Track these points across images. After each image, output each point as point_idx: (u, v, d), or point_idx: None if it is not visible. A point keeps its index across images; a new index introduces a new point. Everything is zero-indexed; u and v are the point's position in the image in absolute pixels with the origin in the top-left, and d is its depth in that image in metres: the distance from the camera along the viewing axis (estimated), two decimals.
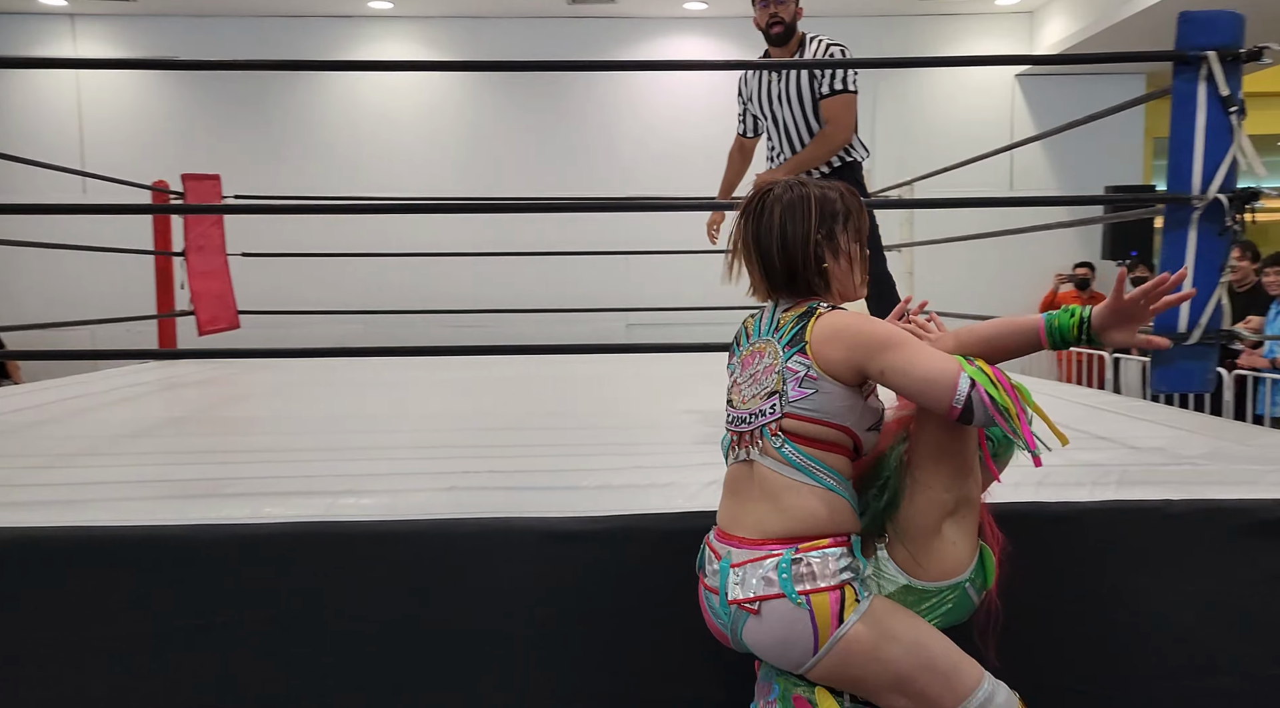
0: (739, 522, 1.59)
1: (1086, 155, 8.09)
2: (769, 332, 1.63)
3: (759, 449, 1.57)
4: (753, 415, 1.58)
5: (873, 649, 1.48)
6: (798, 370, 1.54)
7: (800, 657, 1.50)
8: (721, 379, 1.79)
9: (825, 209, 1.60)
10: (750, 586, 1.51)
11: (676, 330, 7.24)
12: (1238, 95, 2.49)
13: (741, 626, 1.53)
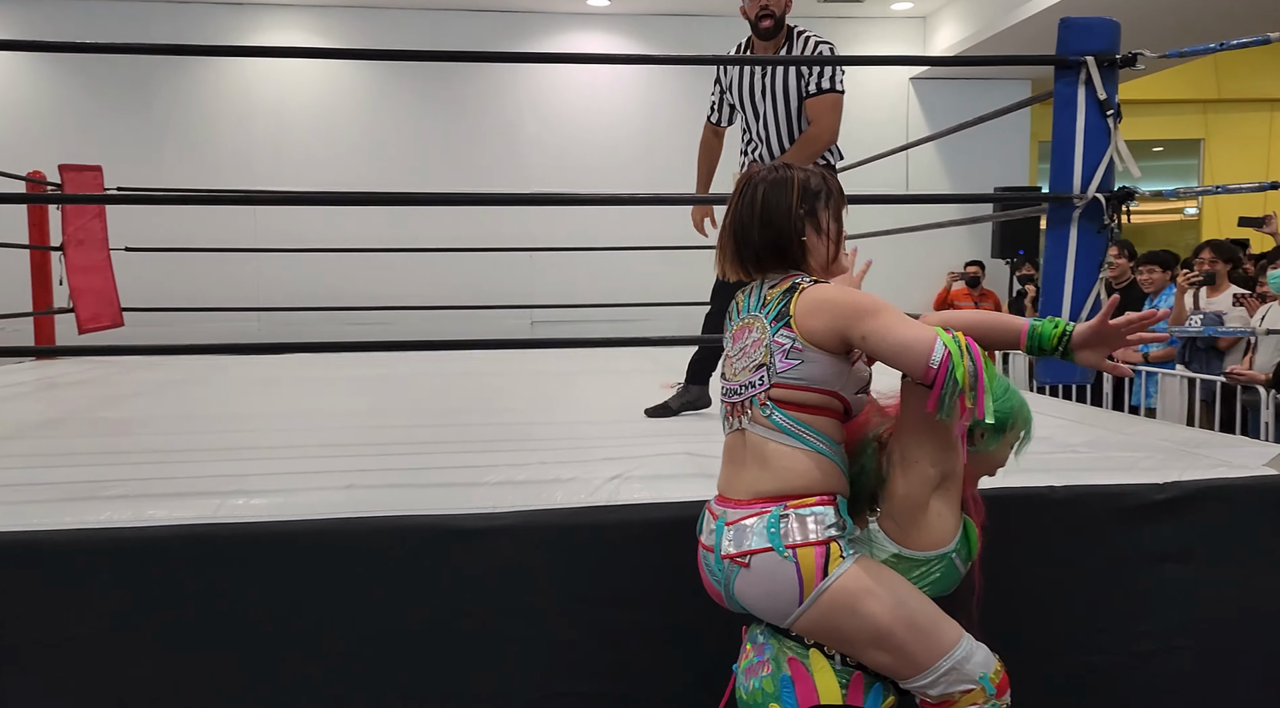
0: (733, 486, 1.67)
1: (977, 158, 8.39)
2: (756, 307, 1.69)
3: (750, 418, 1.65)
4: (743, 387, 1.66)
5: (854, 603, 1.55)
6: (784, 343, 1.61)
7: (786, 608, 1.56)
8: (622, 375, 1.79)
9: (807, 187, 1.68)
10: (741, 542, 1.58)
11: (581, 328, 7.21)
12: (1114, 99, 2.61)
13: (733, 580, 1.60)
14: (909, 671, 1.59)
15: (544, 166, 8.02)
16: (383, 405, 3.81)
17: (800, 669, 1.59)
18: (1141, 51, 2.59)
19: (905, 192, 8.32)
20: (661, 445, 2.61)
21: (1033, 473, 2.29)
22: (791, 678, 1.58)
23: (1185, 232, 9.77)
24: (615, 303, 6.86)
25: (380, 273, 7.51)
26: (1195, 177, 9.73)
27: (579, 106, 8.24)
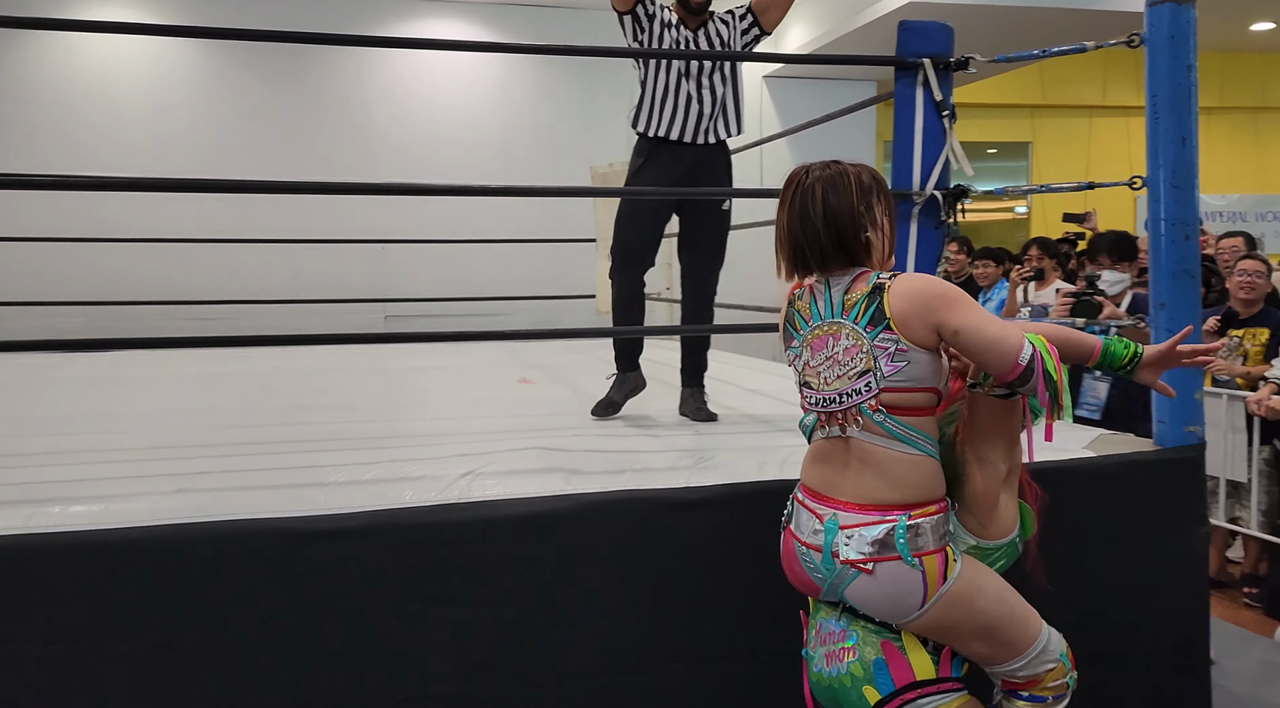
0: (838, 487, 1.68)
1: (828, 157, 8.66)
2: (836, 314, 1.69)
3: (859, 426, 1.66)
4: (843, 395, 1.66)
5: (968, 602, 1.65)
6: (887, 347, 1.63)
7: (907, 611, 1.64)
8: (479, 371, 1.75)
9: (862, 183, 1.70)
10: (863, 548, 1.62)
11: (437, 322, 7.05)
12: (949, 100, 2.73)
13: (848, 581, 1.64)
14: (1006, 657, 1.70)
15: (396, 156, 7.78)
16: (223, 405, 3.62)
17: (894, 652, 1.66)
18: (973, 56, 2.71)
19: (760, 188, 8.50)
20: (516, 441, 2.57)
21: None
22: (886, 661, 1.65)
23: (1016, 229, 10.38)
24: (472, 296, 6.75)
25: (223, 265, 7.13)
26: (1025, 177, 10.35)
27: (433, 97, 8.04)
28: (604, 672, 2.08)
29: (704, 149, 3.05)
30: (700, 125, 3.01)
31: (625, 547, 2.11)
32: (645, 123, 3.05)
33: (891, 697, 1.64)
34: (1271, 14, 9.32)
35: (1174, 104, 2.43)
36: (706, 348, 3.16)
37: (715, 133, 3.04)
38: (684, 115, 3.00)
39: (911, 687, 1.64)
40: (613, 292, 3.11)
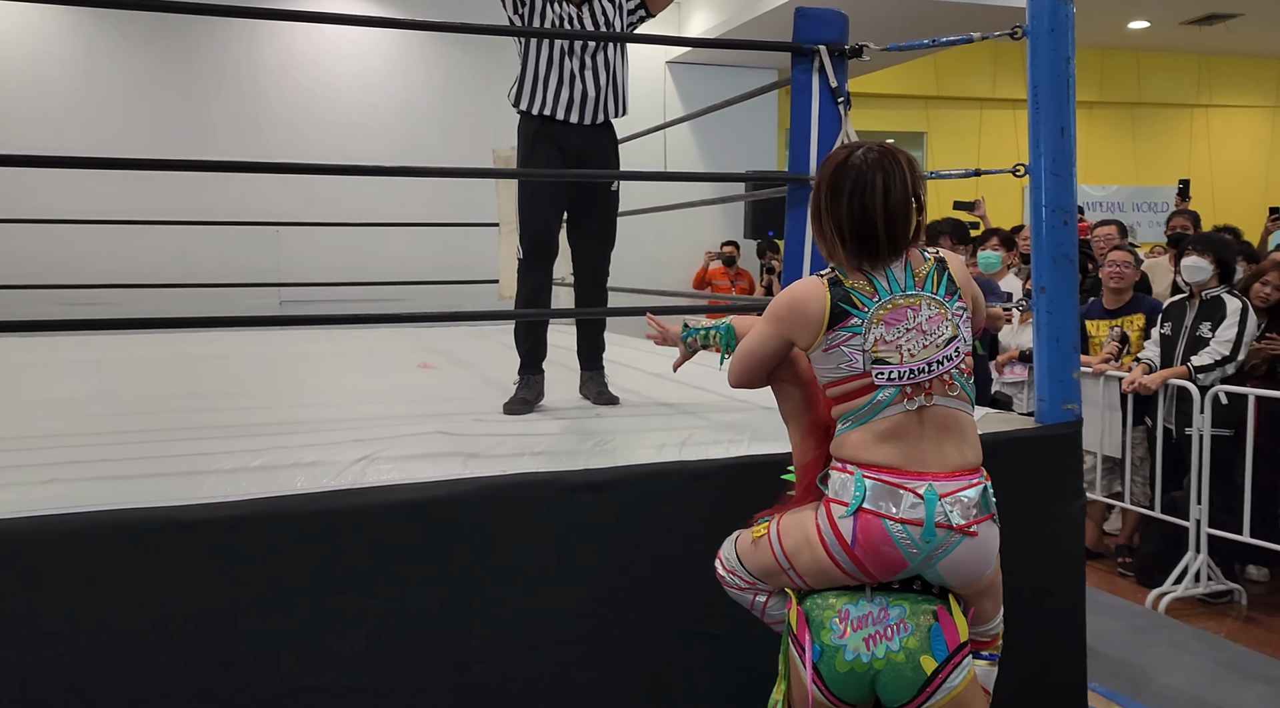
0: (919, 460, 1.68)
1: (731, 145, 8.74)
2: (910, 286, 1.71)
3: (952, 393, 1.71)
4: (933, 364, 1.69)
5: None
6: (962, 314, 1.74)
7: (985, 570, 1.72)
8: (378, 356, 1.70)
9: (914, 168, 1.74)
10: (966, 512, 1.66)
11: (334, 308, 6.85)
12: (844, 88, 2.78)
13: (953, 549, 1.65)
14: (992, 614, 1.84)
15: (290, 136, 7.53)
16: (102, 392, 3.46)
17: (946, 616, 1.70)
18: (867, 44, 2.77)
19: (665, 171, 8.54)
20: (414, 425, 2.53)
21: (775, 442, 2.42)
22: (940, 628, 1.69)
23: None
24: (371, 281, 6.61)
25: (106, 248, 6.80)
26: (922, 167, 10.66)
27: (329, 74, 7.80)
28: (504, 657, 2.07)
29: (589, 130, 2.97)
30: (585, 106, 2.93)
31: (525, 530, 2.10)
32: (529, 101, 2.94)
33: (945, 662, 1.67)
34: (1147, 13, 9.79)
35: (1054, 94, 2.53)
36: (602, 330, 3.15)
37: (602, 113, 2.96)
38: (569, 94, 2.91)
39: (959, 648, 1.68)
40: (524, 289, 3.03)
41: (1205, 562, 3.90)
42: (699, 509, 2.23)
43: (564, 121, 2.94)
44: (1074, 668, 2.63)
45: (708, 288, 8.36)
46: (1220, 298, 4.07)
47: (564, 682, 2.12)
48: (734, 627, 2.25)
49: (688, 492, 2.23)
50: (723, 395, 3.32)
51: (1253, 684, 3.16)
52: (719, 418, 2.82)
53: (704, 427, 2.63)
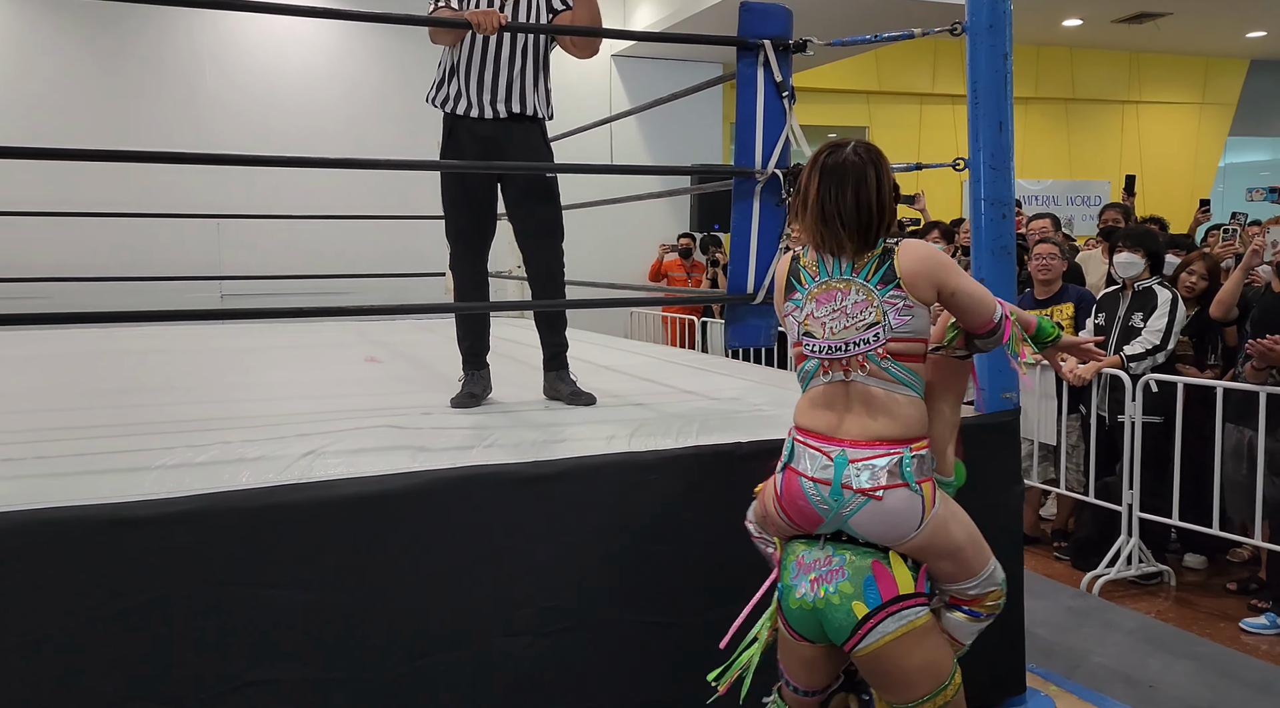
0: (841, 428, 1.88)
1: (678, 139, 8.77)
2: (846, 272, 1.88)
3: (865, 371, 1.87)
4: (849, 344, 1.87)
5: (946, 525, 1.89)
6: (895, 303, 1.85)
7: (906, 532, 1.85)
8: (323, 350, 1.68)
9: (877, 163, 1.90)
10: (875, 477, 1.82)
11: (277, 301, 6.75)
12: (789, 82, 2.81)
13: (858, 509, 1.83)
14: (964, 576, 1.94)
15: (230, 126, 7.37)
16: (40, 388, 3.37)
17: (883, 569, 1.86)
18: (811, 39, 2.80)
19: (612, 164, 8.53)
20: (361, 419, 2.51)
21: (723, 432, 2.45)
22: (875, 577, 1.85)
23: None
24: (315, 274, 6.51)
25: (41, 241, 6.61)
26: None
27: (271, 64, 7.66)
28: (453, 649, 2.07)
29: (495, 124, 2.89)
30: (489, 98, 2.87)
31: (475, 523, 2.10)
32: (440, 98, 2.92)
33: (878, 609, 1.83)
34: (1080, 11, 10.03)
35: (992, 90, 2.59)
36: (562, 327, 3.05)
37: (511, 106, 2.89)
38: (476, 89, 2.86)
39: (895, 600, 1.84)
40: (454, 282, 3.02)
41: (1137, 545, 4.03)
42: (649, 500, 2.25)
43: (468, 116, 2.88)
44: (1012, 649, 2.70)
45: (663, 279, 8.39)
46: (1152, 289, 4.20)
47: (515, 673, 2.12)
48: (684, 615, 2.28)
49: (638, 483, 2.24)
50: (671, 387, 3.35)
51: (1180, 661, 3.28)
52: (668, 409, 2.84)
53: (653, 418, 2.65)
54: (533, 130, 2.98)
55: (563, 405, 2.88)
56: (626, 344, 5.31)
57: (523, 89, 2.91)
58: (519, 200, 2.97)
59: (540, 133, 3.02)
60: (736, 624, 2.03)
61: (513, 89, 2.89)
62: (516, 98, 2.90)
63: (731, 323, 3.05)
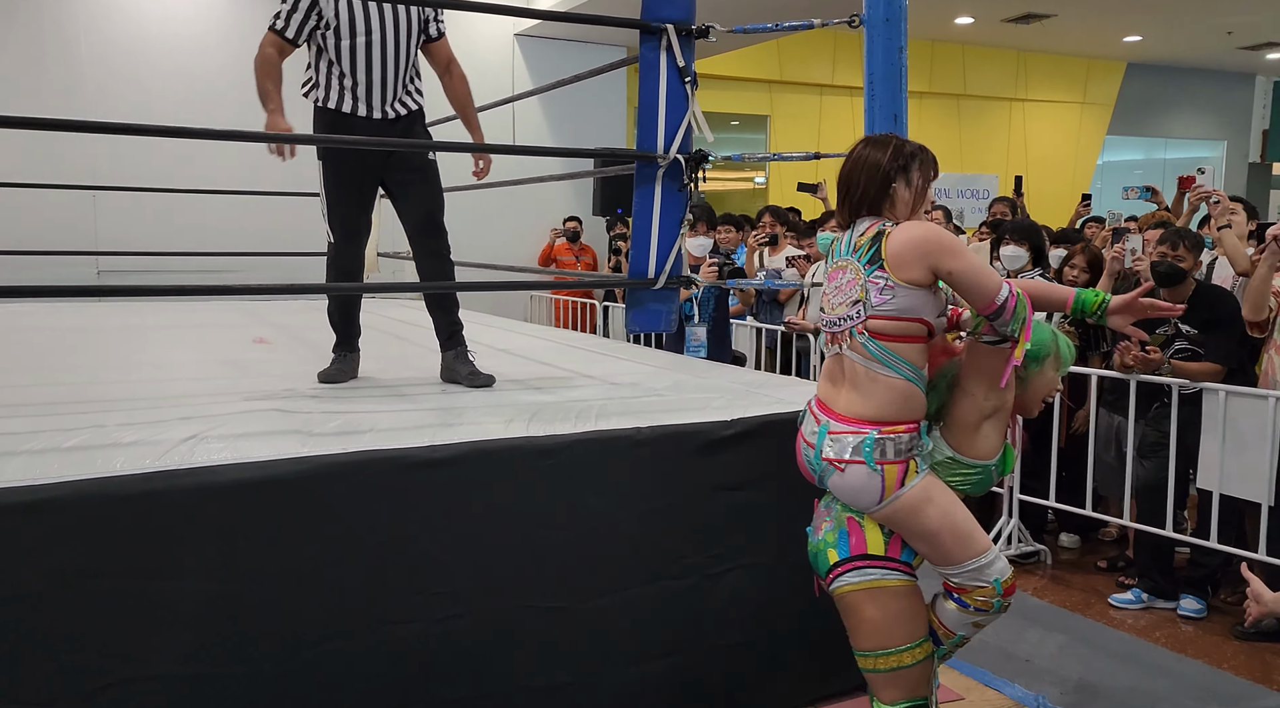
0: (833, 400, 2.05)
1: (581, 121, 8.71)
2: (848, 252, 2.03)
3: (849, 346, 2.00)
4: (841, 319, 2.01)
5: (915, 509, 1.99)
6: (878, 283, 1.95)
7: (866, 505, 2.01)
8: (207, 330, 1.60)
9: (902, 149, 2.03)
10: (840, 450, 1.99)
11: (159, 279, 6.44)
12: (691, 67, 2.82)
13: (828, 476, 2.02)
14: (942, 562, 2.06)
15: (105, 94, 6.96)
16: None
17: (855, 526, 2.04)
18: (713, 25, 2.81)
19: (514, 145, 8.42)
20: (247, 402, 2.42)
21: (623, 416, 2.45)
22: (848, 532, 2.04)
23: (756, 198, 10.98)
24: (199, 251, 6.25)
25: None
26: (764, 149, 10.95)
27: (147, 31, 7.27)
28: (343, 640, 2.02)
29: (383, 125, 2.88)
30: (379, 100, 2.85)
31: (367, 509, 2.04)
32: (320, 95, 2.86)
33: (845, 560, 2.04)
34: (971, 9, 10.35)
35: (888, 82, 2.65)
36: (455, 307, 3.03)
37: (397, 107, 2.89)
38: (364, 90, 2.84)
39: (861, 557, 2.02)
40: (335, 270, 2.97)
41: (1016, 525, 4.22)
42: (548, 485, 2.24)
43: (365, 118, 2.85)
44: None
45: (553, 264, 8.33)
46: (1035, 280, 4.38)
47: (404, 663, 2.09)
48: (581, 599, 2.28)
49: (536, 467, 2.22)
50: (571, 371, 3.33)
51: (1054, 635, 3.45)
52: (568, 393, 2.82)
53: (552, 402, 2.63)
54: (417, 122, 2.96)
55: (459, 388, 2.84)
56: (525, 328, 5.26)
57: (405, 88, 2.90)
58: (406, 186, 2.92)
59: (423, 122, 3.01)
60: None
61: (398, 90, 2.88)
62: (400, 98, 2.89)
63: (632, 307, 3.06)
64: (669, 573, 2.39)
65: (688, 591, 2.42)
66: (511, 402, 2.63)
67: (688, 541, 2.42)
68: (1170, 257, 3.71)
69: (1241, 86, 14.24)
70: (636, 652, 2.35)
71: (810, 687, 2.63)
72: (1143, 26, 11.18)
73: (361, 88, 2.85)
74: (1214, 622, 3.65)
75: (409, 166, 2.92)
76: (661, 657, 2.38)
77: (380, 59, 2.83)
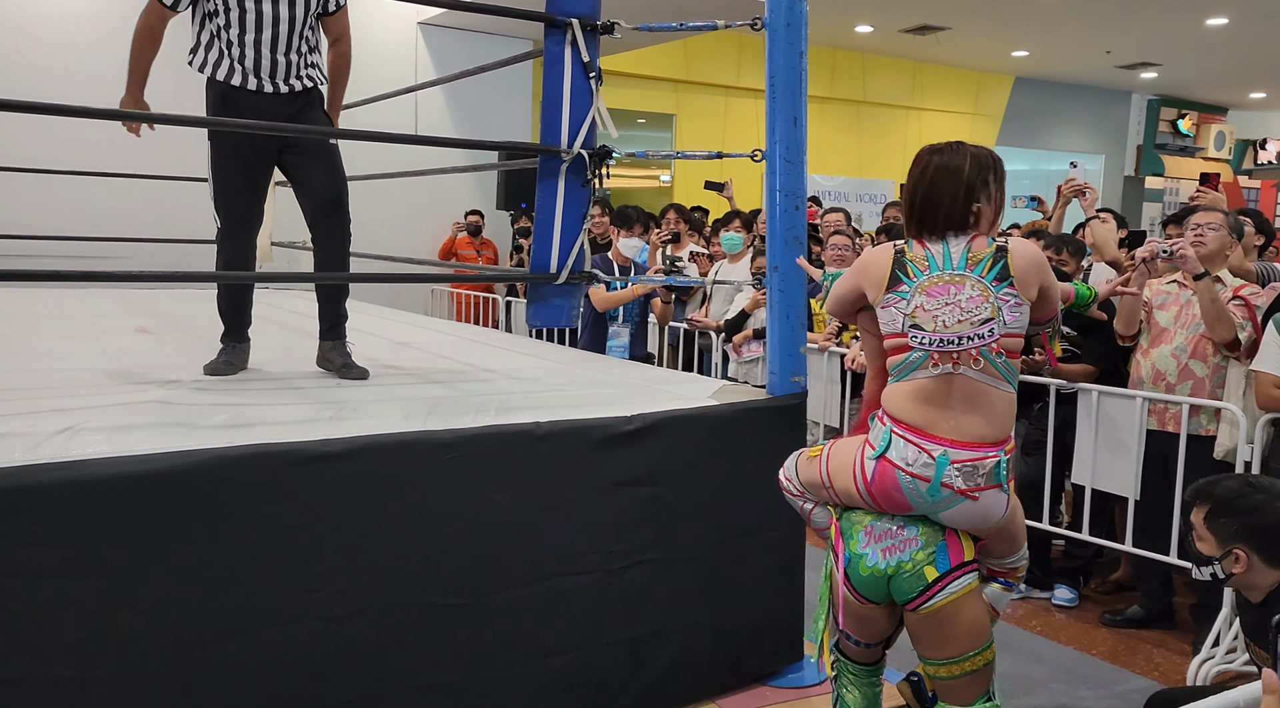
0: (939, 425, 1.94)
1: (486, 113, 8.61)
2: (961, 266, 1.96)
3: (976, 367, 1.93)
4: (963, 338, 1.93)
5: (1015, 513, 2.11)
6: (1009, 300, 1.93)
7: (985, 523, 2.01)
8: (90, 319, 1.53)
9: (981, 161, 2.00)
10: (972, 479, 1.93)
11: (33, 264, 6.13)
12: (596, 63, 2.81)
13: (951, 505, 1.95)
14: (1011, 552, 2.18)
15: None
16: None
17: (955, 540, 2.00)
18: (618, 21, 2.82)
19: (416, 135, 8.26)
20: (128, 393, 2.32)
21: (523, 411, 2.44)
22: (947, 546, 1.99)
23: (661, 196, 11.04)
24: (80, 236, 5.95)
25: None
26: (670, 147, 11.03)
27: (25, 4, 6.90)
28: (234, 640, 1.96)
29: (277, 99, 2.76)
30: (269, 72, 2.74)
31: (256, 505, 1.98)
32: (210, 65, 2.73)
33: (948, 573, 1.99)
34: (871, 18, 10.64)
35: (788, 86, 2.70)
36: (343, 297, 2.97)
37: (291, 81, 2.78)
38: (255, 62, 2.71)
39: (960, 566, 2.00)
40: (224, 256, 2.86)
41: None
42: (446, 479, 2.21)
43: (256, 92, 2.74)
44: (793, 619, 2.85)
45: (454, 258, 8.22)
46: None
47: (296, 662, 2.03)
48: (480, 595, 2.26)
49: (435, 462, 2.19)
50: (471, 365, 3.30)
51: None
52: (467, 387, 2.80)
53: (452, 396, 2.60)
54: (314, 102, 2.87)
55: (356, 382, 2.77)
56: (426, 321, 5.19)
57: (301, 63, 2.79)
58: (306, 169, 2.84)
59: (320, 103, 2.92)
60: None
61: (293, 64, 2.77)
62: (295, 72, 2.78)
63: (534, 302, 3.04)
64: (569, 568, 2.39)
65: (589, 586, 2.42)
66: (410, 395, 2.59)
67: (588, 536, 2.42)
68: (1054, 261, 3.88)
69: (1119, 103, 15.02)
70: (536, 649, 2.34)
71: (713, 681, 2.67)
72: (1029, 43, 11.68)
73: (250, 59, 2.72)
74: (1085, 610, 3.85)
75: (308, 148, 2.83)
76: (561, 653, 2.38)
77: (272, 29, 2.70)
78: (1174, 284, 3.59)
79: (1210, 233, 3.51)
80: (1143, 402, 3.48)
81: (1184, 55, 12.02)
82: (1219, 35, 10.82)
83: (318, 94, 2.92)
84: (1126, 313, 3.61)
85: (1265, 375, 3.22)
